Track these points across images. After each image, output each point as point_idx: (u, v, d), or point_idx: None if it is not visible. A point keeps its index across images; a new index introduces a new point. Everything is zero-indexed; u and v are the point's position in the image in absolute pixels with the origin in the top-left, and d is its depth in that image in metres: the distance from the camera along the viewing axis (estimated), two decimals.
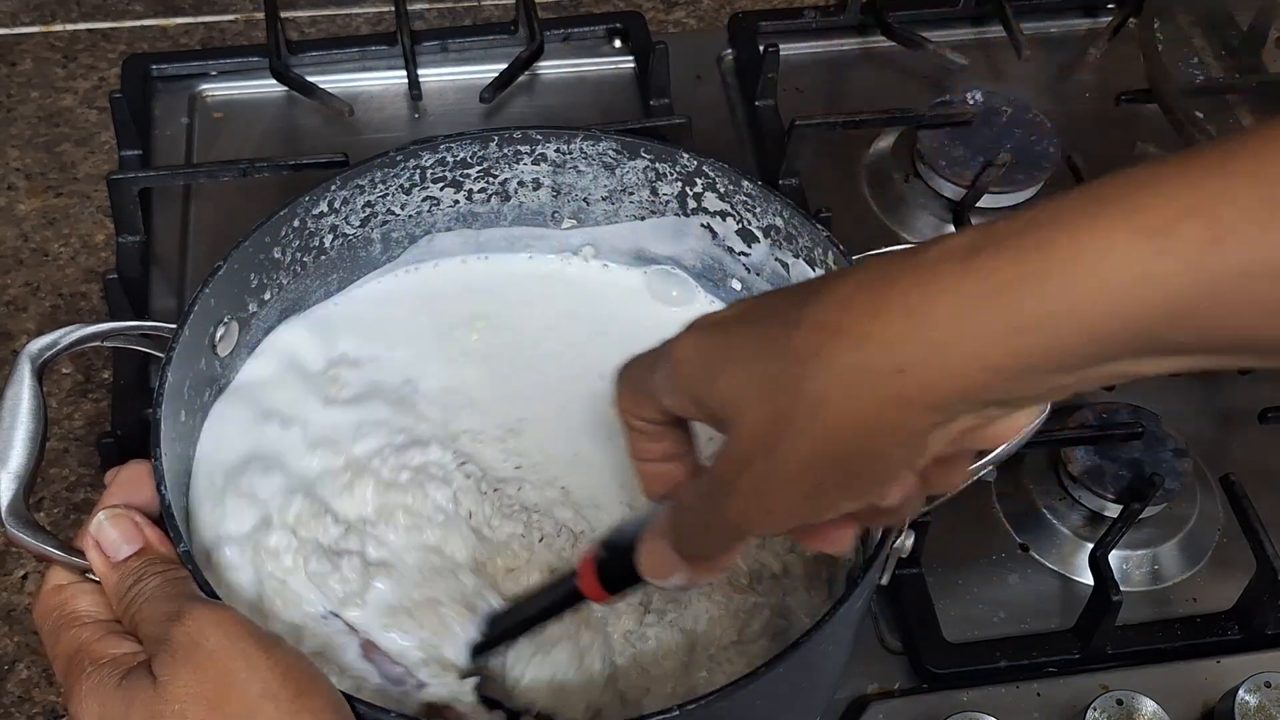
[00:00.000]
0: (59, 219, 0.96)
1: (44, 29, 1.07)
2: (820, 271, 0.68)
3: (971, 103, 0.96)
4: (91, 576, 0.58)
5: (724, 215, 0.72)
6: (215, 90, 1.01)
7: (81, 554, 0.58)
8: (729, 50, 1.06)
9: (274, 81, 0.99)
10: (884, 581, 0.63)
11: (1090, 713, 0.69)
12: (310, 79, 0.98)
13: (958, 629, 0.76)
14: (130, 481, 0.61)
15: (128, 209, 0.89)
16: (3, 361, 0.88)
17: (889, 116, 0.97)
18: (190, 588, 0.55)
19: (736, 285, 0.74)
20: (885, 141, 0.99)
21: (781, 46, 0.98)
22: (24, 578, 0.79)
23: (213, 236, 0.92)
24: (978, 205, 0.90)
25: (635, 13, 1.07)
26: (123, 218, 0.90)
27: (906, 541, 0.60)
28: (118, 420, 0.81)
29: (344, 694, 0.52)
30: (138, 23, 1.08)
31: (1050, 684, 0.73)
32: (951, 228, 0.90)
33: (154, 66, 1.01)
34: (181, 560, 0.57)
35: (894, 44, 1.04)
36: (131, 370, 0.83)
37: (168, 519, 0.57)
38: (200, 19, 1.08)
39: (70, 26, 1.08)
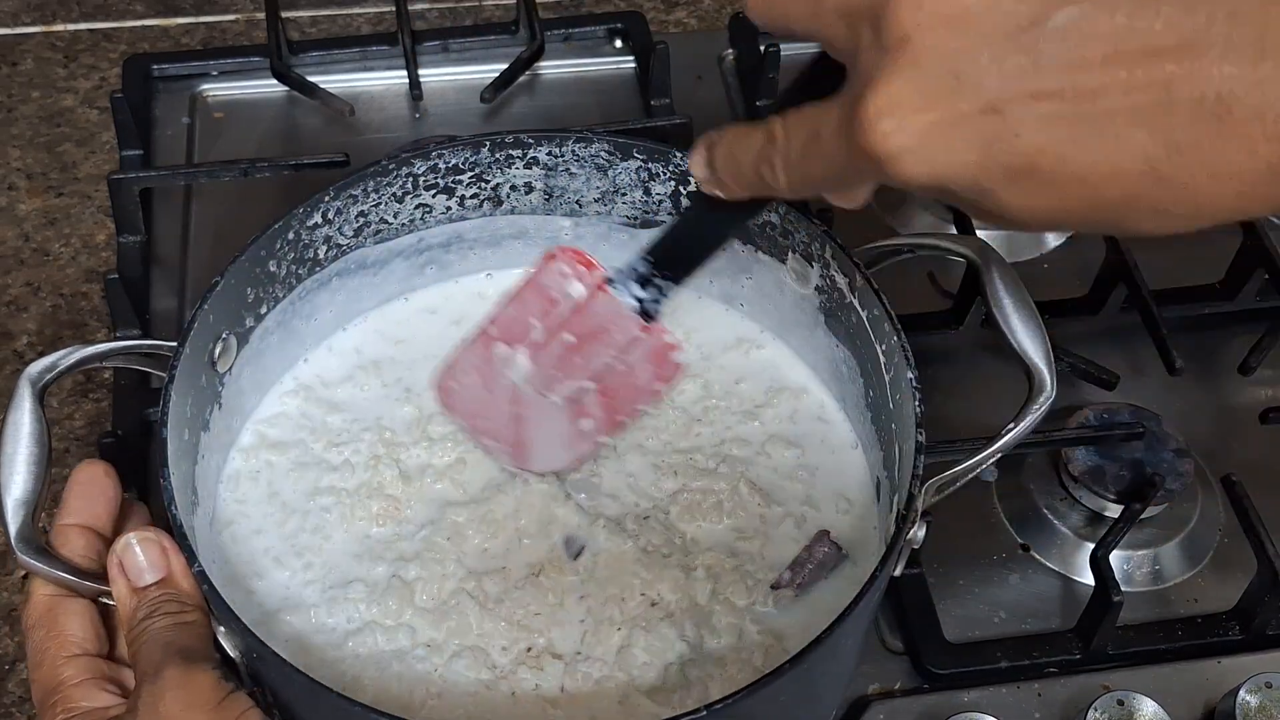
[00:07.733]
0: (60, 219, 0.96)
1: (45, 29, 1.08)
2: (818, 268, 0.68)
3: None
4: (107, 600, 0.58)
5: None
6: (216, 90, 1.01)
7: (96, 579, 0.58)
8: (730, 50, 1.05)
9: (275, 81, 0.99)
10: (897, 573, 0.62)
11: (1091, 713, 0.69)
12: (311, 79, 0.98)
13: (958, 629, 0.76)
14: (89, 483, 0.61)
15: (128, 209, 0.89)
16: (3, 361, 0.88)
17: None
18: (185, 637, 0.55)
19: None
20: None
21: (782, 47, 0.97)
22: (24, 577, 0.79)
23: (214, 237, 0.92)
24: None
25: (636, 13, 1.07)
26: (123, 218, 0.90)
27: (919, 533, 0.60)
28: (118, 420, 0.81)
29: (346, 698, 0.53)
30: (139, 23, 1.08)
31: (1051, 684, 0.73)
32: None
33: (155, 66, 1.01)
34: (197, 580, 0.57)
35: None
36: (132, 370, 0.82)
37: (180, 541, 0.57)
38: (201, 19, 1.09)
39: (71, 26, 1.08)
